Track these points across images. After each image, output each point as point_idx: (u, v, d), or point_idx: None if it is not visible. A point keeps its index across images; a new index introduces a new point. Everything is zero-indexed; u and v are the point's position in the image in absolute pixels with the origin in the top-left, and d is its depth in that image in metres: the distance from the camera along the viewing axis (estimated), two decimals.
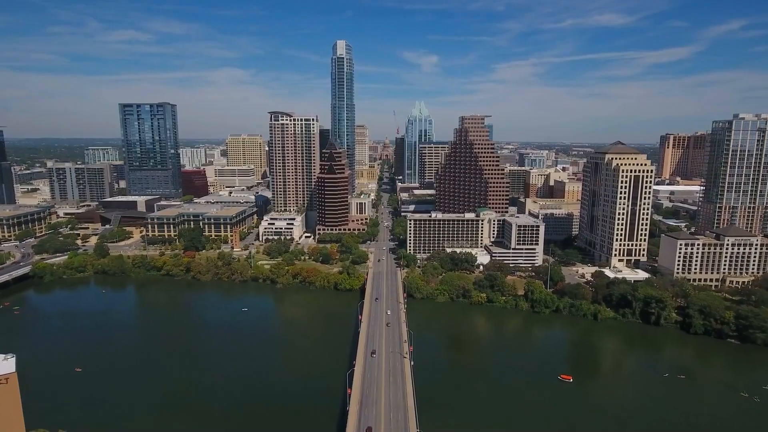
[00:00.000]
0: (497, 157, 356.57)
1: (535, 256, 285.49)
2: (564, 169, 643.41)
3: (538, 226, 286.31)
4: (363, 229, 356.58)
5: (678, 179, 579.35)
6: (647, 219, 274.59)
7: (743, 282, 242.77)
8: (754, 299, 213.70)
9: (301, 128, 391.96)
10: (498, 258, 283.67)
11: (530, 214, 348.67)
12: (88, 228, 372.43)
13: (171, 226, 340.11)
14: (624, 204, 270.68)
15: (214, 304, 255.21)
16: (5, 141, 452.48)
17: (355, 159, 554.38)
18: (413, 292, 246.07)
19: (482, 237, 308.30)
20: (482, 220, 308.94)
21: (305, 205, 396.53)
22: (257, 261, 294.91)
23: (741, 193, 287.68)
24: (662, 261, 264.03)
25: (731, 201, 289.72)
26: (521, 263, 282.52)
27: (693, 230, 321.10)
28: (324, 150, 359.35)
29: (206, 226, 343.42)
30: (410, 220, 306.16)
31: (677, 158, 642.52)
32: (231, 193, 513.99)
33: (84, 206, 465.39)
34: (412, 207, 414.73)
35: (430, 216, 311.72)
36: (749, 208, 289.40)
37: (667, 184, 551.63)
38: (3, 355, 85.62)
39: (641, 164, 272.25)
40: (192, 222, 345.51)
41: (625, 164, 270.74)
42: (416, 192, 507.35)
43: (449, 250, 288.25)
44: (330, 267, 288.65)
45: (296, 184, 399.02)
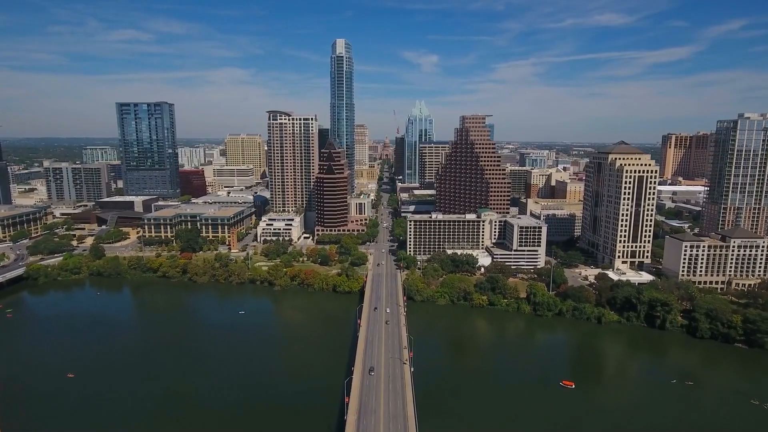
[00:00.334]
0: (498, 157, 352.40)
1: (538, 258, 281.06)
2: (565, 169, 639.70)
3: (541, 227, 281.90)
4: (362, 230, 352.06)
5: (680, 179, 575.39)
6: (651, 220, 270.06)
7: (750, 285, 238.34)
8: (761, 302, 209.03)
9: (300, 128, 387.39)
10: (499, 260, 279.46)
11: (532, 215, 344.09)
12: (84, 229, 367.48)
13: (168, 227, 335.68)
14: (628, 205, 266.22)
15: (210, 307, 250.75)
16: (4, 140, 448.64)
17: (355, 159, 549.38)
18: (413, 295, 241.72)
19: (483, 238, 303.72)
20: (483, 221, 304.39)
21: (304, 206, 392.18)
22: (255, 262, 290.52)
23: (746, 194, 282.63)
24: (666, 263, 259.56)
25: (736, 202, 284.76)
26: (523, 265, 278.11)
27: (697, 231, 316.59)
28: (323, 150, 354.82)
29: (203, 227, 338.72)
30: (410, 221, 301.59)
31: (679, 158, 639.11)
32: (229, 194, 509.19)
33: (80, 206, 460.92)
34: (413, 207, 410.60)
35: (431, 217, 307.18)
36: (754, 209, 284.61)
37: (669, 185, 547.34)
38: None
39: (645, 164, 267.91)
40: (189, 223, 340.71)
41: (629, 164, 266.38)
42: (416, 192, 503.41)
43: (450, 252, 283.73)
44: (329, 269, 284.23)
45: (295, 185, 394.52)
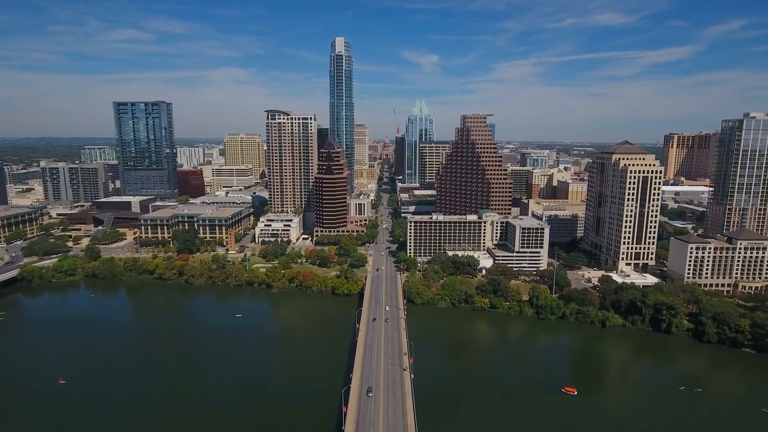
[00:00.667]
0: (500, 157, 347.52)
1: (540, 260, 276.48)
2: (566, 169, 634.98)
3: (543, 228, 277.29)
4: (362, 231, 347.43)
5: (682, 179, 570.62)
6: (656, 221, 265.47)
7: (756, 287, 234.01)
8: None
9: (299, 127, 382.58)
10: (501, 261, 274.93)
11: (533, 216, 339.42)
12: (81, 229, 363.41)
13: (165, 228, 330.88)
14: (632, 206, 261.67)
15: (207, 310, 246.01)
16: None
17: (355, 159, 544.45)
18: (413, 298, 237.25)
19: (485, 239, 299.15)
20: (484, 222, 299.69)
21: (303, 206, 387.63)
22: (252, 264, 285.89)
23: (752, 195, 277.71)
24: (671, 265, 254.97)
25: (741, 202, 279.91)
26: (525, 267, 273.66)
27: (701, 232, 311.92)
28: (322, 149, 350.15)
29: (201, 228, 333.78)
30: (410, 222, 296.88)
31: (681, 158, 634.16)
32: (227, 194, 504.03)
33: (77, 207, 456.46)
34: (413, 208, 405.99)
35: (431, 217, 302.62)
36: (760, 210, 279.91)
37: (672, 185, 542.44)
38: None
39: (650, 164, 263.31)
40: (186, 223, 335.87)
41: (633, 165, 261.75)
42: (417, 192, 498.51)
43: (451, 253, 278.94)
44: (327, 270, 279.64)
45: (294, 185, 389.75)
